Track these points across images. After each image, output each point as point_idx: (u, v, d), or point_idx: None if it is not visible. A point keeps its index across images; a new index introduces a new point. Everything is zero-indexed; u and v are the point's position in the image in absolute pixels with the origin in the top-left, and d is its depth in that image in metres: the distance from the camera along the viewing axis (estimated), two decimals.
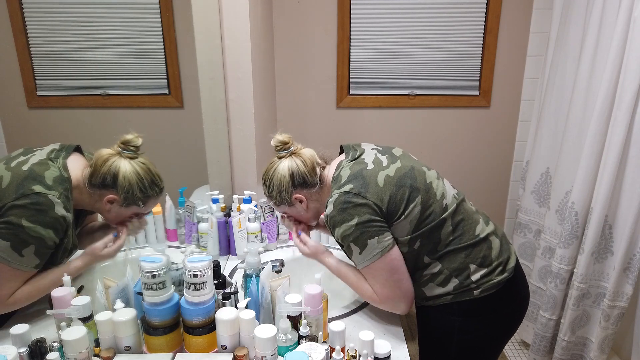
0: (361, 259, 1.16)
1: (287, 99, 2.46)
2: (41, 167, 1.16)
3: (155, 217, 1.61)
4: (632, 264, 1.81)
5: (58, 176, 1.17)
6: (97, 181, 1.20)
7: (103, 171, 1.19)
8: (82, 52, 1.52)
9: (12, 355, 0.90)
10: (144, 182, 1.22)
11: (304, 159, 1.25)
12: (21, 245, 1.11)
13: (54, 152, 1.23)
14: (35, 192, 1.10)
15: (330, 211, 1.16)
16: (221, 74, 1.66)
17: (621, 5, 1.67)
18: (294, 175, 1.23)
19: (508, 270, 1.23)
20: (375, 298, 1.20)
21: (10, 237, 1.09)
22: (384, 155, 1.24)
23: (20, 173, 1.13)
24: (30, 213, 1.09)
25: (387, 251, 1.15)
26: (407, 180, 1.17)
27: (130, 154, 1.21)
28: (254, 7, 1.71)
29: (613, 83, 1.73)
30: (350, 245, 1.16)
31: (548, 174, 2.19)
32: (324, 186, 1.27)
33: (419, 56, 2.41)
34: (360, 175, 1.16)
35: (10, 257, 1.11)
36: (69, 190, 1.18)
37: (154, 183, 1.24)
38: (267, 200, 1.32)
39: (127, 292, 1.11)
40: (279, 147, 1.25)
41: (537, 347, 2.18)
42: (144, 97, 1.63)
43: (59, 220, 1.13)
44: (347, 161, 1.23)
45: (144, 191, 1.22)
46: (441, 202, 1.19)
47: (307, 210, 1.30)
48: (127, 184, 1.20)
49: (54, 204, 1.11)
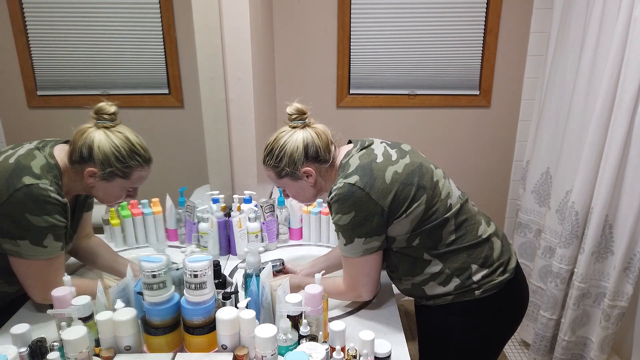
0: (344, 249, 1.19)
1: (287, 99, 2.44)
2: (27, 158, 1.15)
3: (156, 217, 1.62)
4: (633, 263, 1.81)
5: (45, 164, 1.15)
6: (77, 156, 1.16)
7: (80, 144, 1.15)
8: (82, 52, 1.52)
9: (12, 355, 0.90)
10: (120, 152, 1.16)
11: (319, 133, 1.21)
12: (39, 238, 1.12)
13: (42, 142, 1.22)
14: (25, 184, 1.09)
15: (331, 198, 1.15)
16: (221, 74, 1.66)
17: (621, 5, 1.67)
18: (309, 147, 1.19)
19: (509, 271, 1.23)
20: (342, 288, 1.25)
21: (26, 235, 1.10)
22: (394, 149, 1.23)
23: (7, 166, 1.12)
24: (30, 207, 1.09)
25: (368, 254, 1.17)
26: (414, 178, 1.16)
27: (105, 123, 1.16)
28: (254, 7, 1.70)
29: (613, 83, 1.73)
30: (339, 233, 1.18)
31: (548, 173, 2.19)
32: (333, 167, 1.24)
33: (419, 56, 2.41)
34: (369, 168, 1.15)
35: (36, 252, 1.12)
36: (58, 177, 1.16)
37: (133, 152, 1.18)
38: (270, 170, 1.25)
39: (128, 291, 1.11)
40: (294, 115, 1.22)
41: (538, 346, 2.18)
42: (144, 96, 1.63)
43: (59, 203, 1.13)
44: (357, 150, 1.21)
45: (122, 161, 1.17)
46: (446, 201, 1.18)
47: (313, 186, 1.25)
48: (103, 155, 1.15)
49: (47, 190, 1.11)
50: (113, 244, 1.59)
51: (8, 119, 1.44)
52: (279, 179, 1.25)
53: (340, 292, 1.27)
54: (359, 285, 1.23)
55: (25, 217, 1.09)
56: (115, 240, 1.59)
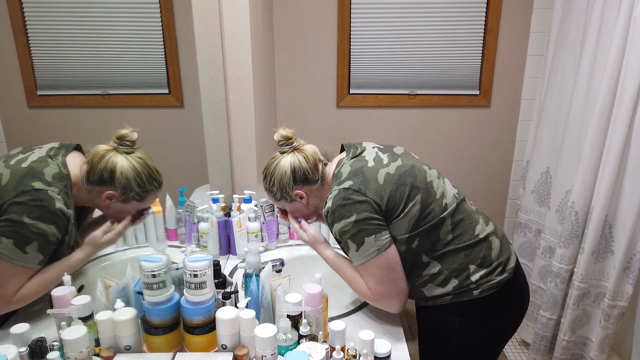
0: (358, 256, 1.16)
1: (287, 99, 2.46)
2: (40, 164, 1.16)
3: (156, 216, 1.61)
4: (632, 263, 1.81)
5: (57, 173, 1.16)
6: (95, 178, 1.20)
7: (100, 167, 1.19)
8: (82, 51, 1.52)
9: (12, 354, 0.90)
10: (141, 177, 1.21)
11: (307, 155, 1.24)
12: (24, 242, 1.11)
13: (53, 150, 1.23)
14: (35, 188, 1.10)
15: (329, 207, 1.16)
16: (221, 74, 1.66)
17: (621, 5, 1.67)
18: (296, 171, 1.23)
19: (508, 271, 1.23)
20: (369, 295, 1.20)
21: (13, 235, 1.09)
22: (385, 153, 1.24)
23: (20, 170, 1.13)
24: (30, 209, 1.09)
25: (383, 250, 1.15)
26: (407, 178, 1.17)
27: (126, 149, 1.21)
28: (254, 7, 1.70)
29: (613, 82, 1.73)
30: (347, 241, 1.16)
31: (548, 173, 2.19)
32: (325, 183, 1.27)
33: (419, 56, 2.41)
34: (361, 172, 1.16)
35: (14, 254, 1.11)
36: (68, 187, 1.18)
37: (152, 177, 1.24)
38: (267, 194, 1.31)
39: (127, 291, 1.11)
40: (282, 142, 1.25)
41: (537, 346, 2.18)
42: (144, 96, 1.63)
43: (60, 216, 1.13)
44: (348, 158, 1.23)
45: (142, 186, 1.22)
46: (441, 201, 1.19)
47: (306, 207, 1.30)
48: (125, 180, 1.19)
49: (54, 199, 1.11)
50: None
51: (8, 119, 1.44)
52: (277, 201, 1.31)
53: (368, 298, 1.21)
54: (387, 288, 1.17)
55: (22, 217, 1.09)
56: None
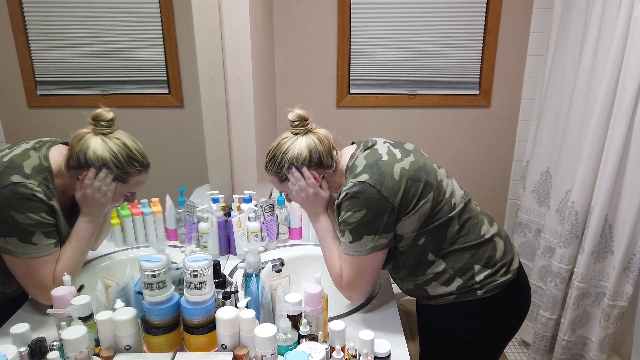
0: (349, 247, 1.17)
1: (287, 99, 2.46)
2: (21, 157, 1.15)
3: (155, 216, 1.61)
4: (632, 263, 1.81)
5: (37, 165, 1.15)
6: (74, 162, 1.17)
7: (76, 151, 1.16)
8: (82, 51, 1.52)
9: (12, 354, 0.90)
10: (118, 158, 1.17)
11: (321, 138, 1.21)
12: (27, 236, 1.11)
13: (39, 143, 1.22)
14: (12, 182, 1.09)
15: (342, 197, 1.14)
16: (221, 74, 1.65)
17: (621, 5, 1.67)
18: (312, 154, 1.19)
19: (511, 272, 1.23)
20: (339, 281, 1.22)
21: (12, 233, 1.10)
22: (397, 148, 1.23)
23: (1, 164, 1.12)
24: (15, 204, 1.09)
25: (375, 251, 1.16)
26: (421, 174, 1.16)
27: (102, 129, 1.16)
28: (254, 7, 1.70)
29: (613, 82, 1.73)
30: (346, 231, 1.16)
31: (548, 173, 2.19)
32: (337, 172, 1.24)
33: (419, 55, 2.41)
34: (376, 166, 1.14)
35: (25, 250, 1.11)
36: (49, 179, 1.16)
37: (131, 158, 1.19)
38: (271, 176, 1.26)
39: (127, 291, 1.11)
40: (296, 122, 1.21)
41: (537, 346, 2.18)
42: (144, 96, 1.63)
43: (44, 204, 1.13)
44: (361, 151, 1.21)
45: (120, 167, 1.18)
46: (450, 200, 1.18)
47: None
48: (99, 162, 1.16)
49: (33, 191, 1.10)
50: (113, 243, 1.59)
51: (8, 119, 1.44)
52: (281, 183, 1.26)
53: (338, 283, 1.24)
54: (358, 285, 1.22)
55: (10, 214, 1.09)
56: (115, 240, 1.59)
